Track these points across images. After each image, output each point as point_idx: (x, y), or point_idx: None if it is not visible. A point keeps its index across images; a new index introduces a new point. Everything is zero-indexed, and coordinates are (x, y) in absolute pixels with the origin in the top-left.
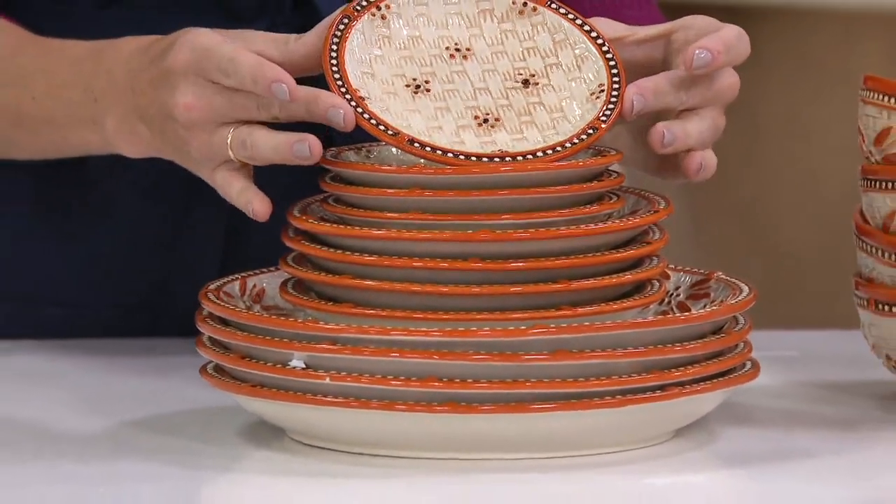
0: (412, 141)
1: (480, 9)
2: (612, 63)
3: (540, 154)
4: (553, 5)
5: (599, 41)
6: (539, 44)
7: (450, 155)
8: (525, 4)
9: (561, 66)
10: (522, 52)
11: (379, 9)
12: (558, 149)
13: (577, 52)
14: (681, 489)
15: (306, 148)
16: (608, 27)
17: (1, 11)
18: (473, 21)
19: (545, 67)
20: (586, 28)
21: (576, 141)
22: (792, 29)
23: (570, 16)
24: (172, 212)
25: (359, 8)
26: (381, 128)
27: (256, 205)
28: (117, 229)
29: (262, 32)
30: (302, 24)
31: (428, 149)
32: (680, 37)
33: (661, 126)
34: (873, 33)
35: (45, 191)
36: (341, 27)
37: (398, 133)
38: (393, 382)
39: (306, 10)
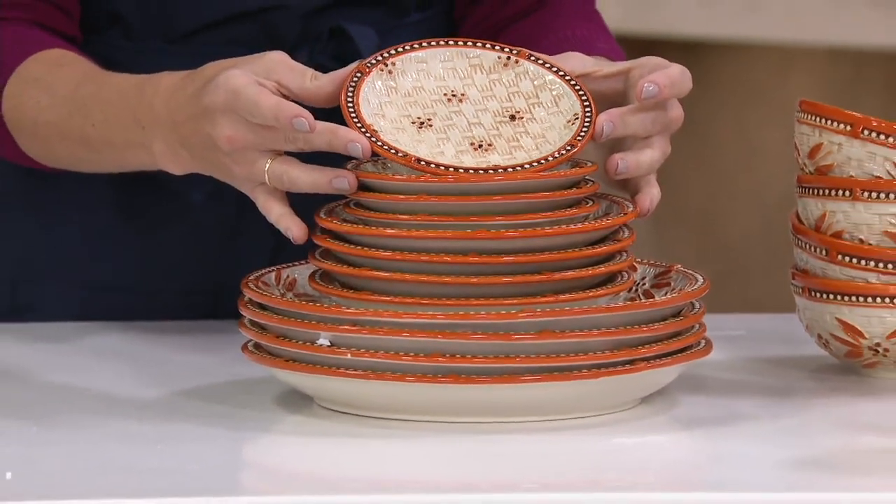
0: (419, 160)
1: (471, 63)
2: (583, 98)
3: (527, 166)
4: (532, 57)
5: (572, 82)
6: (522, 89)
7: (451, 170)
8: (509, 58)
9: (542, 104)
10: (508, 95)
11: (386, 65)
12: (542, 162)
13: (554, 92)
14: (645, 447)
15: (345, 182)
16: (580, 63)
17: (70, 43)
18: (466, 73)
19: (528, 106)
20: (561, 73)
21: (556, 156)
22: (738, 60)
23: (547, 64)
24: (231, 214)
25: (369, 65)
26: (392, 151)
27: (295, 230)
28: (184, 228)
29: (284, 61)
30: (337, 50)
31: (432, 165)
32: (636, 73)
33: (616, 157)
34: (805, 64)
35: (124, 196)
36: (355, 79)
37: (407, 154)
38: (404, 358)
39: (341, 38)
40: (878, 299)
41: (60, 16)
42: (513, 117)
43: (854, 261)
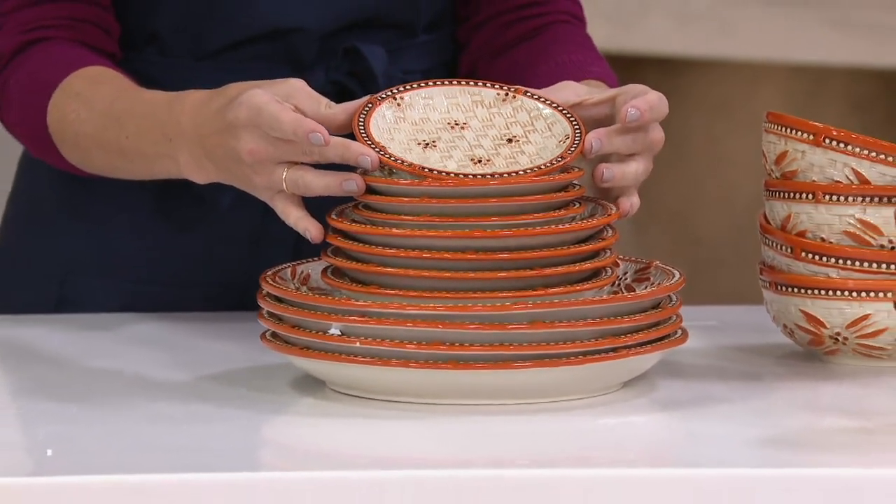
0: (423, 167)
1: (473, 100)
2: (574, 123)
3: (521, 173)
4: (528, 93)
5: (565, 112)
6: (519, 119)
7: (452, 175)
8: (507, 94)
9: (536, 130)
10: (507, 124)
11: (395, 99)
12: (534, 170)
13: (548, 121)
14: (627, 427)
15: (354, 185)
16: (573, 93)
17: (110, 59)
18: (468, 108)
19: (525, 132)
20: (555, 105)
21: (548, 165)
22: (710, 76)
23: (542, 99)
24: (256, 217)
25: (380, 98)
26: (399, 161)
27: (312, 231)
28: (213, 229)
29: (303, 88)
30: (350, 67)
31: (435, 171)
32: (621, 99)
33: (602, 166)
34: (771, 79)
35: (160, 200)
36: (366, 110)
37: (412, 164)
38: (408, 346)
39: (355, 57)
40: (839, 293)
41: (102, 35)
42: (510, 140)
43: (816, 258)
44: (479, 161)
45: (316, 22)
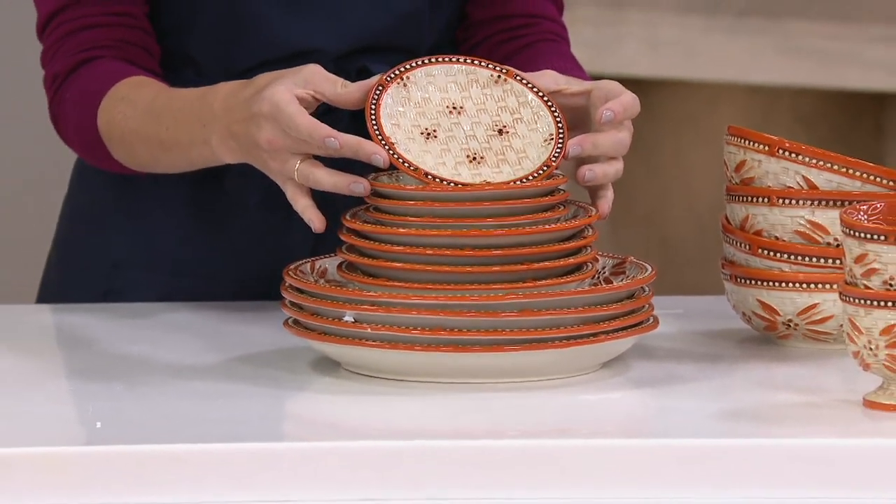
0: (427, 174)
1: (469, 78)
2: (557, 117)
3: (513, 182)
4: (518, 77)
5: (547, 101)
6: (508, 104)
7: (451, 184)
8: (499, 76)
9: (523, 120)
10: (497, 109)
11: (402, 80)
12: (523, 181)
13: (533, 110)
14: (605, 403)
15: (361, 187)
16: (552, 80)
17: (150, 73)
18: (465, 87)
19: (513, 120)
20: (539, 93)
21: (535, 175)
22: (676, 95)
23: (528, 84)
24: (280, 216)
25: (388, 79)
26: (406, 164)
27: (316, 222)
28: (243, 227)
29: (320, 71)
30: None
31: (437, 179)
32: (596, 93)
33: (584, 168)
34: (730, 98)
35: (196, 201)
36: (377, 92)
37: (417, 168)
38: (413, 331)
39: (365, 76)
40: (790, 284)
41: (145, 55)
42: (500, 131)
43: (771, 254)
44: (475, 158)
45: (332, 46)
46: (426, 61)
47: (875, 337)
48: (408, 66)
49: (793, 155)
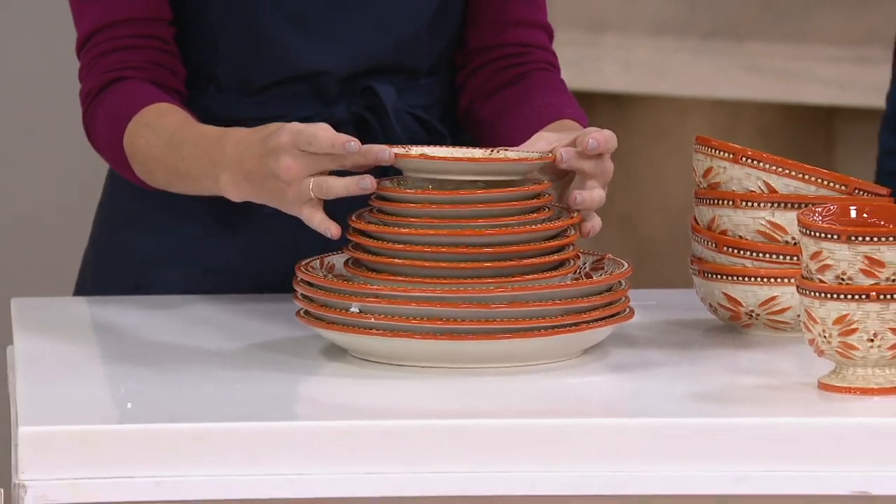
0: (423, 154)
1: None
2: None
3: (502, 156)
4: (510, 154)
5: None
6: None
7: (444, 154)
8: (492, 152)
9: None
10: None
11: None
12: (512, 156)
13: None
14: (586, 386)
15: (367, 182)
16: (545, 143)
17: (177, 96)
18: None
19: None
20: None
21: (539, 154)
22: (650, 109)
23: (521, 154)
24: (291, 221)
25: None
26: (404, 151)
27: (333, 230)
28: (260, 229)
29: (326, 130)
30: (366, 102)
31: (431, 153)
32: (580, 139)
33: (576, 192)
34: (698, 112)
35: (217, 207)
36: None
37: (422, 153)
38: (413, 321)
39: (370, 94)
40: (752, 279)
41: (171, 76)
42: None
43: (735, 251)
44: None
45: (339, 67)
46: (427, 148)
47: (829, 326)
48: (410, 147)
49: (755, 162)
